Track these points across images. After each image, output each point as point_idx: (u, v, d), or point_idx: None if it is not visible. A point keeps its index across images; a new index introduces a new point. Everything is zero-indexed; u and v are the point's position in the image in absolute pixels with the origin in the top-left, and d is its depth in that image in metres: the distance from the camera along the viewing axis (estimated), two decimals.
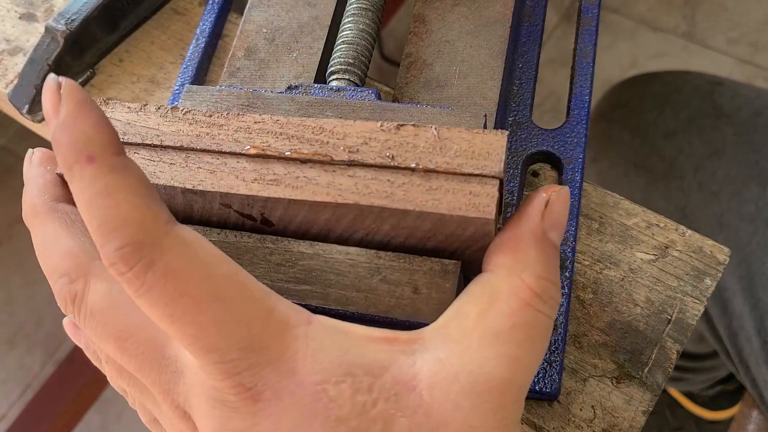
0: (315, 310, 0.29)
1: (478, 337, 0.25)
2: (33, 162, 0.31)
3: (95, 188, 0.23)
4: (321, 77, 0.38)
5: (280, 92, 0.35)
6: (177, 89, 0.44)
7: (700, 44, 1.40)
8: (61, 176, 0.30)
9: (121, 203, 0.23)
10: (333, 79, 0.37)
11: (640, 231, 0.40)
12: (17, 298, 1.40)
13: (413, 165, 0.28)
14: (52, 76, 0.25)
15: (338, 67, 0.37)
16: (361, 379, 0.23)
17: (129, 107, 0.31)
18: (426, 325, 0.27)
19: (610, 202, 0.41)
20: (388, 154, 0.28)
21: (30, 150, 0.31)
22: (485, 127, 0.32)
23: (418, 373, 0.24)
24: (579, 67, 0.42)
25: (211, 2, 0.47)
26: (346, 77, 0.37)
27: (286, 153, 0.29)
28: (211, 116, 0.30)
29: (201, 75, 0.45)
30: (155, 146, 0.30)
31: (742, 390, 0.87)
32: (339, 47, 0.38)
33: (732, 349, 0.62)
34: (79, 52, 0.46)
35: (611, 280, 0.39)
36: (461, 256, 0.30)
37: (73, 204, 0.27)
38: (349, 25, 0.38)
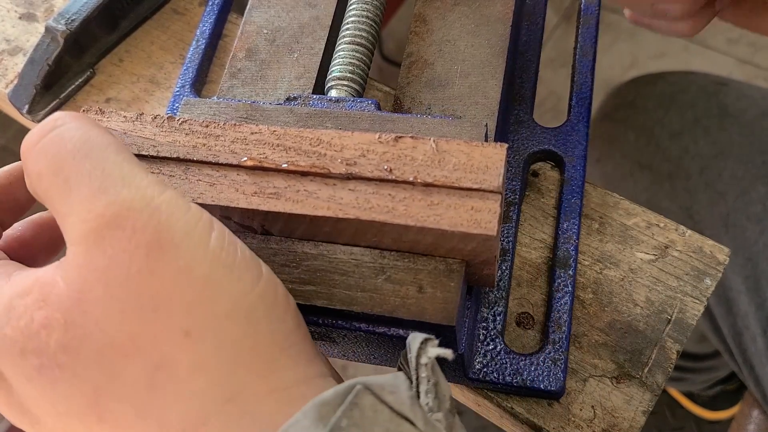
0: (320, 311, 0.29)
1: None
2: None
3: None
4: (322, 78, 0.38)
5: (279, 104, 0.35)
6: (178, 91, 0.44)
7: (700, 44, 1.40)
8: None
9: None
10: (332, 88, 0.37)
11: (640, 231, 0.40)
12: None
13: (411, 178, 0.28)
14: None
15: (338, 74, 0.37)
16: (18, 301, 0.24)
17: (125, 116, 0.31)
18: (430, 324, 0.27)
19: (611, 202, 0.41)
20: (386, 167, 0.28)
21: None
22: (487, 137, 0.32)
23: (57, 268, 0.25)
24: (579, 66, 0.42)
25: (211, 2, 0.47)
26: (346, 86, 0.37)
27: (283, 165, 0.29)
28: (207, 126, 0.30)
29: (201, 76, 0.45)
30: (153, 157, 0.30)
31: (743, 390, 0.87)
32: (338, 53, 0.38)
33: (736, 348, 0.62)
34: (79, 52, 0.46)
35: (611, 280, 0.38)
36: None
37: None
38: (349, 28, 0.38)
